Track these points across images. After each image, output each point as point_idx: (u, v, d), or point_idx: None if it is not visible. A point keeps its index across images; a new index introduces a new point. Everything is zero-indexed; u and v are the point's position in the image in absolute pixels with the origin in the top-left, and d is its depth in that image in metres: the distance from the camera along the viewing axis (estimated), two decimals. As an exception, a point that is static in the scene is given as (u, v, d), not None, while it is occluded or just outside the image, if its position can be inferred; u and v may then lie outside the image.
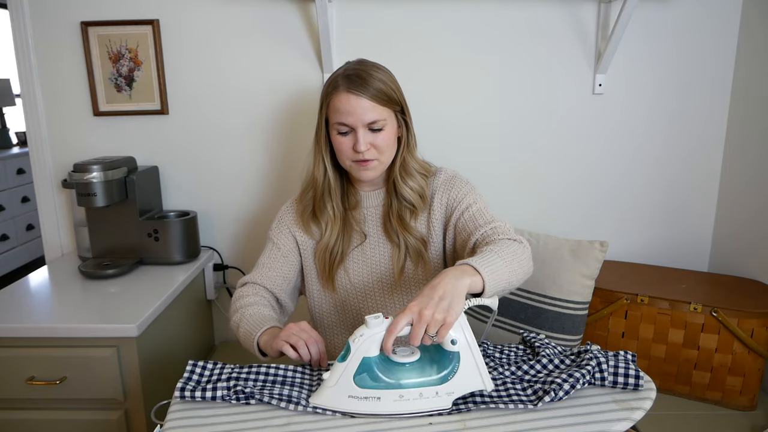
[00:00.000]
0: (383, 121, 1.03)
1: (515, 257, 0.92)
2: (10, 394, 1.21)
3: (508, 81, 1.66)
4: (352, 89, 1.01)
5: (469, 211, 1.07)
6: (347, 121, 1.02)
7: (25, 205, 3.36)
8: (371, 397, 0.79)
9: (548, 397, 0.79)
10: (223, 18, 1.60)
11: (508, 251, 0.92)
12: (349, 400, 0.79)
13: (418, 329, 0.77)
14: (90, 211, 1.53)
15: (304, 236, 1.15)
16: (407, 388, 0.79)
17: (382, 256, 1.13)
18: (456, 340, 0.79)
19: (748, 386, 1.44)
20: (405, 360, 0.81)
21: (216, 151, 1.69)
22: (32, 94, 1.63)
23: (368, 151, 1.03)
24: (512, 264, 0.90)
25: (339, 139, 1.05)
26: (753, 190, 1.62)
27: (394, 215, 1.11)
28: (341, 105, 1.02)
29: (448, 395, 0.80)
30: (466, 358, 0.80)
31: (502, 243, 0.95)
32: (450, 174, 1.14)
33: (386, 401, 0.79)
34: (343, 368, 0.79)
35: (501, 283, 0.87)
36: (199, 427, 0.78)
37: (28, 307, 1.31)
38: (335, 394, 0.80)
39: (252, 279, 1.13)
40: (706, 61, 1.66)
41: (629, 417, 0.77)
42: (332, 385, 0.79)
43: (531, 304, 1.46)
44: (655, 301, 1.48)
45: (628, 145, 1.72)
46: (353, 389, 0.79)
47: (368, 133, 1.03)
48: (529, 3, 1.60)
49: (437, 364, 0.81)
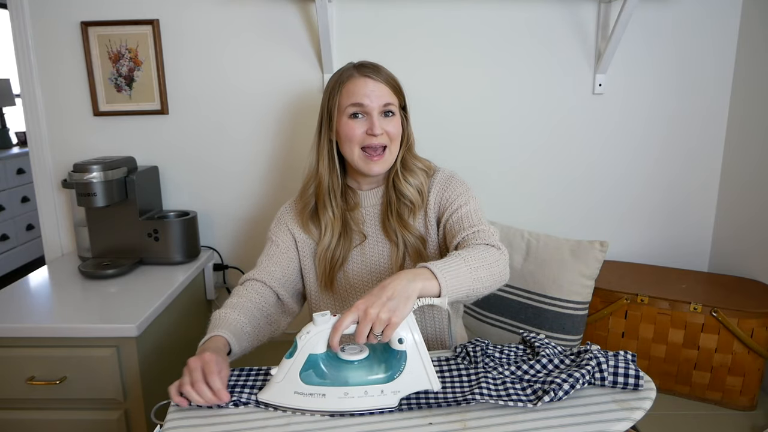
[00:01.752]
0: (395, 106, 1.08)
1: (484, 263, 0.91)
2: (10, 394, 1.21)
3: (508, 81, 1.66)
4: (366, 74, 1.06)
5: (459, 212, 1.08)
6: (364, 101, 1.04)
7: (25, 205, 3.36)
8: (316, 393, 0.79)
9: (548, 397, 0.79)
10: (223, 18, 1.60)
11: (478, 257, 0.91)
12: (295, 396, 0.80)
13: (363, 327, 0.77)
14: (90, 211, 1.53)
15: (302, 236, 1.15)
16: (352, 386, 0.80)
17: (381, 256, 1.13)
18: (403, 339, 0.80)
19: (748, 386, 1.44)
20: (352, 358, 0.82)
21: (216, 151, 1.69)
22: (32, 94, 1.63)
23: (381, 136, 1.05)
24: (479, 271, 0.89)
25: (351, 123, 1.05)
26: (753, 190, 1.62)
27: (393, 213, 1.11)
28: (357, 88, 1.05)
29: (394, 393, 0.80)
30: (412, 357, 0.80)
31: (476, 248, 0.94)
32: (448, 173, 1.14)
33: (331, 398, 0.79)
34: (289, 364, 0.80)
35: (462, 288, 0.86)
36: (199, 427, 0.78)
37: (28, 307, 1.31)
38: (281, 390, 0.80)
39: (251, 276, 1.12)
40: (706, 61, 1.66)
41: (629, 417, 0.77)
42: (279, 381, 0.80)
43: (531, 304, 1.46)
44: (655, 301, 1.48)
45: (628, 145, 1.72)
46: (299, 385, 0.80)
47: (382, 118, 1.06)
48: (529, 3, 1.60)
49: (385, 363, 0.82)
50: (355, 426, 0.78)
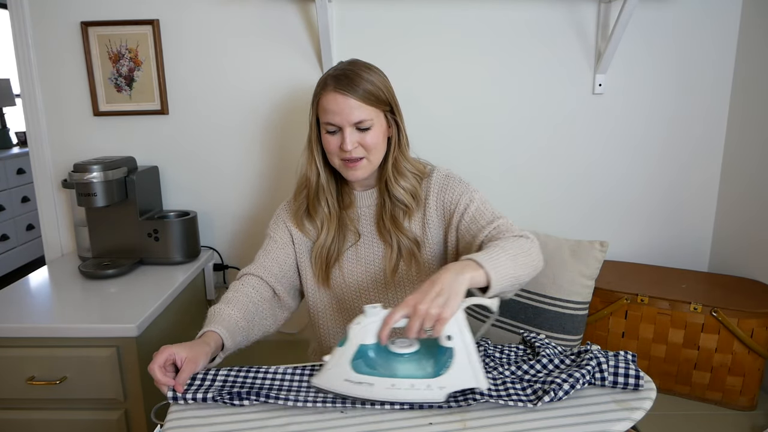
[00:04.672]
0: (370, 121, 1.04)
1: (521, 251, 0.92)
2: (10, 394, 1.21)
3: (509, 81, 1.66)
4: (339, 89, 1.02)
5: (469, 212, 1.07)
6: (334, 120, 1.03)
7: (25, 205, 3.36)
8: (365, 382, 0.81)
9: (548, 397, 0.79)
10: (223, 18, 1.60)
11: (514, 246, 0.93)
12: (345, 384, 0.82)
13: (414, 323, 0.79)
14: (90, 211, 1.53)
15: (299, 233, 1.16)
16: (400, 378, 0.81)
17: (376, 256, 1.14)
18: (452, 336, 0.80)
19: (748, 386, 1.44)
20: (401, 351, 0.83)
21: (216, 151, 1.69)
22: (32, 94, 1.63)
23: (356, 150, 1.04)
24: (518, 258, 0.91)
25: (327, 138, 1.06)
26: (753, 190, 1.62)
27: (387, 215, 1.11)
28: (329, 104, 1.03)
29: (440, 389, 0.80)
30: (460, 354, 0.80)
31: (507, 239, 0.95)
32: (443, 173, 1.14)
33: (379, 388, 0.81)
34: (341, 353, 0.82)
35: (507, 277, 0.87)
36: (199, 427, 0.78)
37: (28, 307, 1.31)
38: (333, 377, 0.82)
39: (247, 271, 1.13)
40: (706, 61, 1.66)
41: (629, 417, 0.77)
42: (331, 367, 0.82)
43: (531, 304, 1.46)
44: (655, 301, 1.48)
45: (628, 145, 1.72)
46: (349, 373, 0.81)
47: (355, 132, 1.04)
48: (529, 3, 1.60)
49: (434, 358, 0.83)
50: (355, 426, 0.78)
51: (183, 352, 0.87)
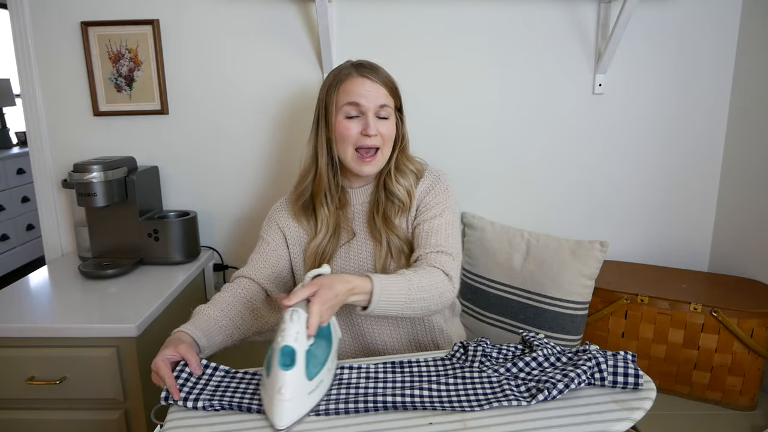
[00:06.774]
0: (390, 109, 1.09)
1: (426, 288, 0.97)
2: (10, 394, 1.21)
3: (509, 81, 1.66)
4: (364, 74, 1.07)
5: (429, 223, 1.09)
6: (361, 101, 1.06)
7: (25, 205, 3.36)
8: (319, 381, 0.82)
9: (542, 396, 0.79)
10: (223, 18, 1.60)
11: (422, 281, 0.98)
12: (309, 397, 0.80)
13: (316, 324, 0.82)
14: (90, 211, 1.53)
15: (293, 229, 1.16)
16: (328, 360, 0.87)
17: (367, 253, 1.14)
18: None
19: (748, 386, 1.44)
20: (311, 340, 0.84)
21: (216, 151, 1.69)
22: (32, 94, 1.63)
23: (375, 137, 1.07)
24: (418, 293, 0.96)
25: (346, 124, 1.07)
26: (753, 190, 1.62)
27: (379, 213, 1.12)
28: (355, 87, 1.06)
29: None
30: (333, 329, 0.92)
31: (427, 272, 1.00)
32: (434, 176, 1.15)
33: (327, 380, 0.85)
34: (295, 375, 0.77)
35: (388, 312, 0.95)
36: (198, 427, 0.79)
37: (28, 307, 1.31)
38: (297, 403, 0.78)
39: (240, 273, 1.14)
40: (706, 61, 1.66)
41: (629, 417, 0.77)
42: (290, 398, 0.76)
43: (531, 304, 1.46)
44: (655, 301, 1.48)
45: (628, 145, 1.72)
46: (307, 384, 0.80)
47: (377, 120, 1.07)
48: (529, 3, 1.60)
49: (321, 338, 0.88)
50: (355, 426, 0.78)
51: (180, 348, 0.88)
